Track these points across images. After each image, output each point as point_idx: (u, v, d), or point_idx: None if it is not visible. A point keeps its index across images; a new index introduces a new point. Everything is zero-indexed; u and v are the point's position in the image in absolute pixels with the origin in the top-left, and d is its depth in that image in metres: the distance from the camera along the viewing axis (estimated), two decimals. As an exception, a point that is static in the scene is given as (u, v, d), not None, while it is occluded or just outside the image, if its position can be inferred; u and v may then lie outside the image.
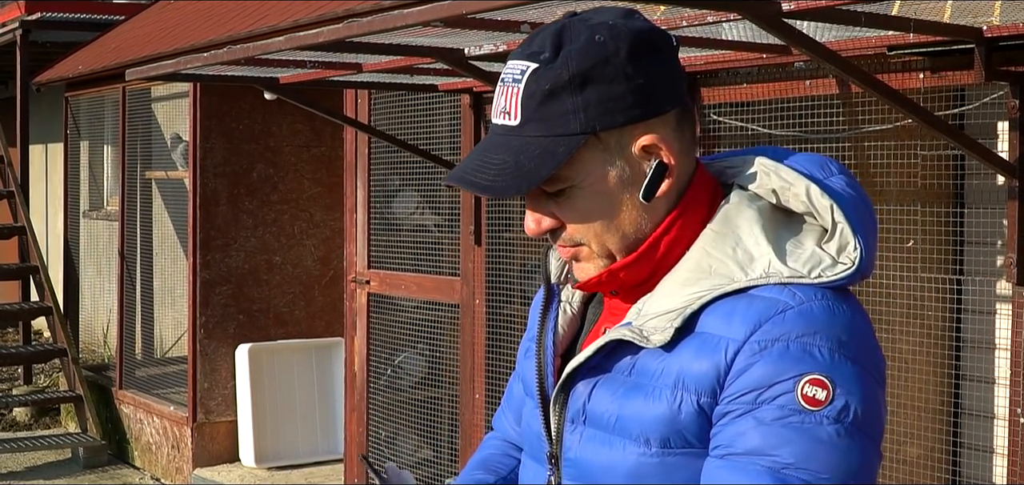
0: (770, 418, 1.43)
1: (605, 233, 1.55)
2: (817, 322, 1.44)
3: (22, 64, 10.88)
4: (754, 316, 1.46)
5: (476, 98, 5.64)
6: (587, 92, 1.49)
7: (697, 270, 1.52)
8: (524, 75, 1.50)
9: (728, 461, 1.45)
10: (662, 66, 1.52)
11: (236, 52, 4.41)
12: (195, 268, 8.13)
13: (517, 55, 1.54)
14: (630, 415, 1.52)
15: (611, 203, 1.54)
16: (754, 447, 1.43)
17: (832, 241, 1.51)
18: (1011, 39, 3.48)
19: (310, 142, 8.40)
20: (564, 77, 1.48)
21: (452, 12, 3.22)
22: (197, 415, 8.14)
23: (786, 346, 1.43)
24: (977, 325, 4.20)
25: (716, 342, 1.47)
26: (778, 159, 1.58)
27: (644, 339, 1.51)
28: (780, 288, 1.47)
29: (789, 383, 1.42)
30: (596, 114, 1.49)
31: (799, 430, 1.42)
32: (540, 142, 1.50)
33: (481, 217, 5.70)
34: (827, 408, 1.42)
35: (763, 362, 1.44)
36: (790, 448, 1.42)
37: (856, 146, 4.24)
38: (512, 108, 1.51)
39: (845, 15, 3.19)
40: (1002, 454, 3.93)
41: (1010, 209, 3.67)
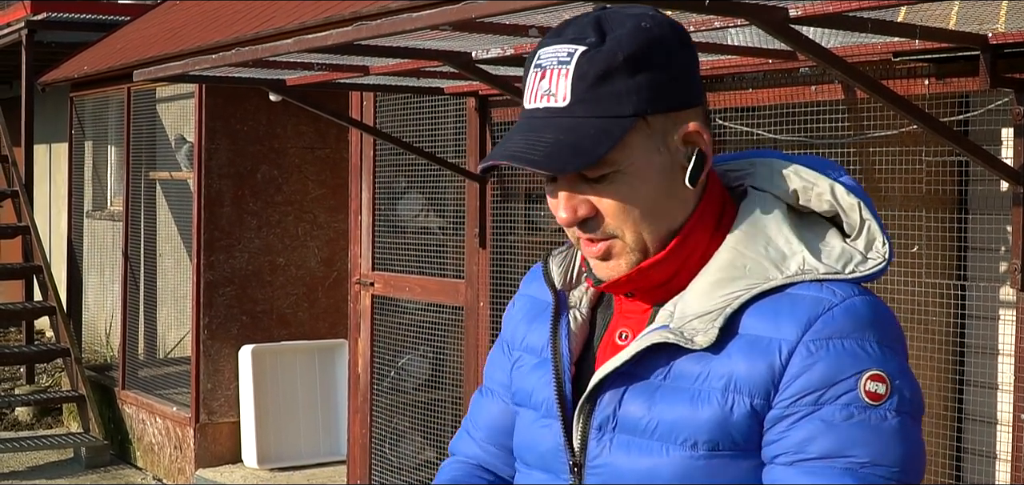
0: (838, 419, 1.44)
1: (642, 222, 1.53)
2: (863, 318, 1.47)
3: (27, 64, 10.89)
4: (803, 315, 1.47)
5: (482, 101, 5.66)
6: (639, 75, 1.48)
7: (731, 269, 1.52)
8: (572, 57, 1.49)
9: (801, 467, 1.46)
10: (694, 58, 1.56)
11: (244, 54, 4.43)
12: (199, 269, 8.15)
13: (553, 42, 1.52)
14: (673, 419, 1.51)
15: (652, 191, 1.52)
16: (828, 450, 1.45)
17: (860, 238, 1.54)
18: (1016, 46, 3.50)
19: (315, 144, 8.42)
20: (618, 59, 1.48)
21: (462, 16, 3.24)
22: (200, 416, 8.15)
23: (841, 344, 1.45)
24: (981, 331, 4.21)
25: (767, 344, 1.48)
26: (793, 160, 1.61)
27: (688, 341, 1.51)
28: (818, 285, 1.50)
29: (851, 381, 1.45)
30: (647, 98, 1.49)
31: (867, 427, 1.44)
32: (592, 122, 1.48)
33: (485, 220, 5.71)
34: (887, 402, 1.45)
35: (822, 362, 1.45)
36: (864, 448, 1.44)
37: (861, 151, 4.26)
38: (559, 89, 1.49)
39: (851, 21, 3.21)
40: (1005, 460, 3.94)
41: (1014, 215, 3.69)
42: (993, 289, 4.15)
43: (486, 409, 1.84)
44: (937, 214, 4.11)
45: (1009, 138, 3.90)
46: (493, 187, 5.71)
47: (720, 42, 3.81)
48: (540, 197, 5.67)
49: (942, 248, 4.16)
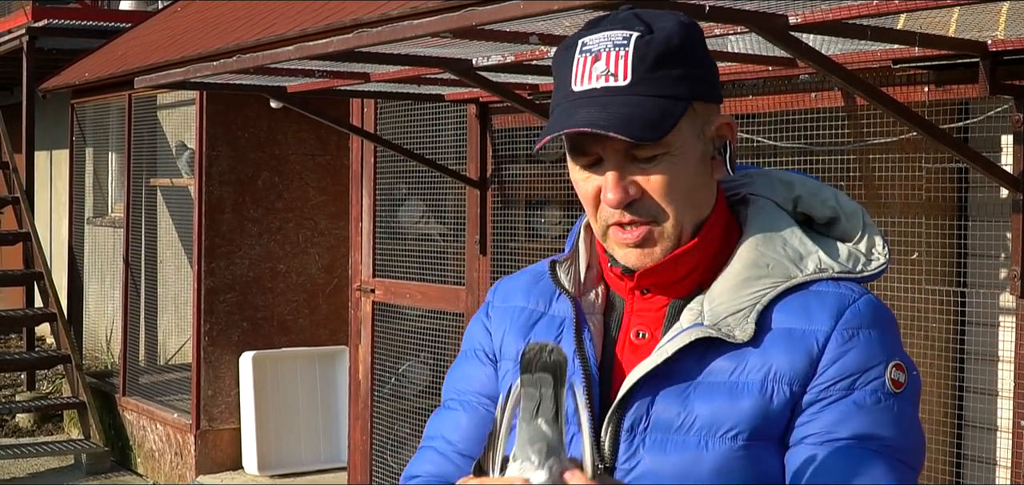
0: (869, 403, 1.53)
1: (685, 206, 1.58)
2: (878, 312, 1.57)
3: (28, 71, 10.90)
4: (833, 308, 1.56)
5: (482, 108, 5.67)
6: (689, 64, 1.54)
7: (755, 268, 1.59)
8: (629, 40, 1.53)
9: (831, 447, 1.52)
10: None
11: (246, 61, 4.44)
12: (199, 275, 8.15)
13: (599, 30, 1.55)
14: (711, 413, 1.54)
15: (693, 176, 1.57)
16: (858, 431, 1.52)
17: (862, 241, 1.63)
18: (1015, 53, 3.51)
19: (316, 151, 8.42)
20: (673, 44, 1.53)
21: (462, 23, 3.25)
22: (200, 422, 8.15)
23: (870, 335, 1.55)
24: (980, 337, 4.22)
25: (802, 335, 1.55)
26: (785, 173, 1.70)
27: (729, 336, 1.55)
28: (834, 283, 1.59)
29: (880, 369, 1.54)
30: (697, 85, 1.55)
31: (891, 413, 1.53)
32: (654, 102, 1.52)
33: (486, 226, 5.72)
34: (906, 389, 1.55)
35: (855, 350, 1.54)
36: (889, 431, 1.53)
37: (861, 159, 4.27)
38: (619, 70, 1.52)
39: (851, 29, 3.22)
40: (1005, 466, 3.95)
41: (1014, 222, 3.70)
42: (993, 296, 4.15)
43: (458, 422, 1.76)
44: (937, 221, 4.12)
45: (1008, 145, 3.90)
46: (493, 194, 5.72)
47: (720, 49, 3.82)
48: (540, 204, 5.67)
49: (942, 255, 4.16)
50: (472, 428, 1.75)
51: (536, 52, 4.02)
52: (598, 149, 1.56)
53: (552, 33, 3.68)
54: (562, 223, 5.59)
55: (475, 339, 1.79)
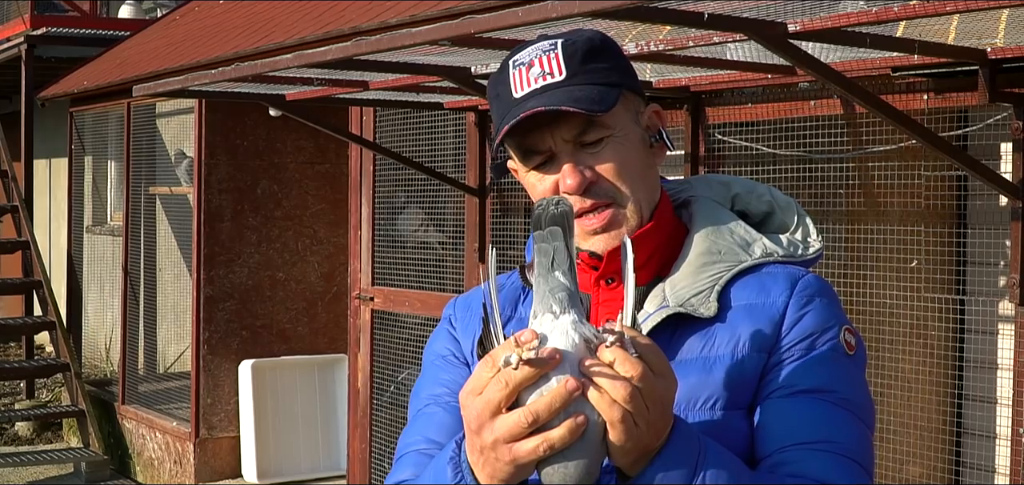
0: (827, 358, 1.63)
1: (639, 184, 1.68)
2: (824, 286, 1.69)
3: (27, 79, 10.89)
4: (785, 282, 1.66)
5: (481, 116, 5.67)
6: (611, 59, 1.66)
7: (709, 255, 1.69)
8: (557, 45, 1.64)
9: (794, 398, 1.61)
10: None
11: (244, 69, 4.43)
12: (199, 284, 8.15)
13: (527, 46, 1.67)
14: (689, 388, 1.60)
15: (639, 158, 1.68)
16: (818, 384, 1.61)
17: (797, 231, 1.76)
18: (1015, 61, 3.50)
19: (314, 159, 8.42)
20: (596, 42, 1.65)
21: (460, 31, 3.25)
22: (200, 431, 8.14)
23: (821, 301, 1.66)
24: (979, 345, 4.21)
25: (762, 306, 1.65)
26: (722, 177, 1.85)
27: (695, 311, 1.64)
28: (781, 265, 1.70)
29: (835, 330, 1.65)
30: (623, 77, 1.67)
31: (845, 369, 1.64)
32: (591, 88, 1.62)
33: (485, 235, 5.71)
34: (856, 354, 1.67)
35: (811, 314, 1.64)
36: (844, 385, 1.63)
37: (860, 166, 4.26)
38: (554, 68, 1.62)
39: (850, 36, 3.21)
40: (1004, 474, 3.94)
41: (1013, 230, 3.69)
42: (992, 303, 4.15)
43: (442, 422, 1.76)
44: (936, 228, 4.11)
45: (1008, 152, 3.90)
46: (492, 202, 5.71)
47: (719, 57, 3.81)
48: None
49: (941, 262, 4.15)
50: (458, 425, 1.65)
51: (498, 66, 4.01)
52: (549, 144, 1.65)
53: (551, 41, 3.67)
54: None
55: (443, 346, 1.82)
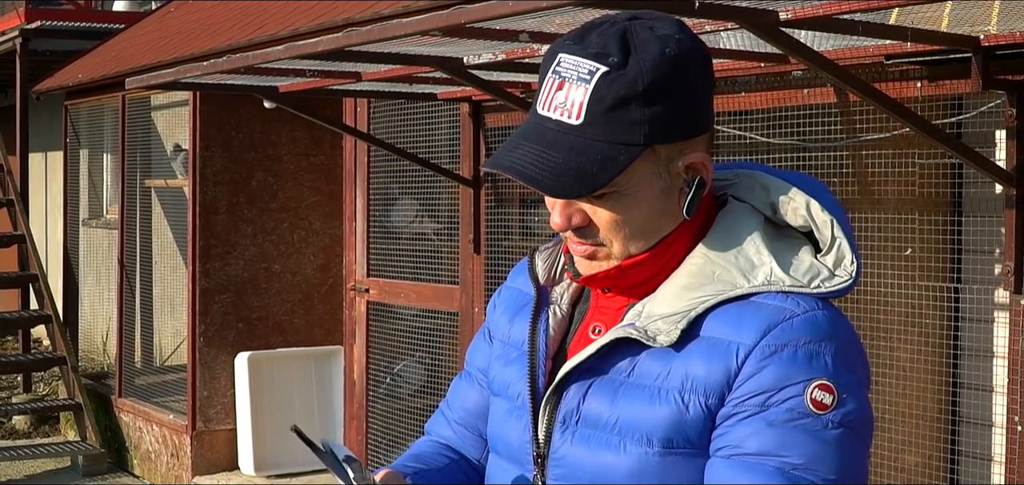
0: (780, 420, 1.47)
1: (631, 238, 1.57)
2: (822, 330, 1.50)
3: (22, 73, 10.88)
4: (763, 321, 1.50)
5: (475, 106, 5.65)
6: (655, 106, 1.50)
7: (700, 276, 1.55)
8: (593, 76, 1.49)
9: (737, 461, 1.49)
10: (711, 84, 1.58)
11: (236, 61, 4.42)
12: (194, 276, 8.13)
13: (576, 51, 1.52)
14: (632, 416, 1.54)
15: (648, 212, 1.56)
16: (765, 448, 1.47)
17: (830, 254, 1.56)
18: (1008, 48, 3.49)
19: (309, 150, 8.41)
20: (638, 88, 1.49)
21: (451, 21, 3.24)
22: (196, 423, 8.13)
23: (795, 351, 1.48)
24: (975, 333, 4.21)
25: (726, 346, 1.50)
26: (775, 174, 1.62)
27: (650, 339, 1.53)
28: (783, 296, 1.52)
29: (799, 387, 1.47)
30: (659, 128, 1.51)
31: (808, 432, 1.47)
32: (601, 147, 1.50)
33: (480, 226, 5.70)
34: (832, 412, 1.47)
35: (773, 366, 1.48)
36: (800, 450, 1.46)
37: (854, 155, 4.25)
38: (575, 108, 1.50)
39: (843, 24, 3.20)
40: (1000, 462, 3.93)
41: (1007, 217, 3.68)
42: (987, 291, 4.14)
43: (463, 392, 1.87)
44: (930, 217, 4.10)
45: (1002, 140, 3.89)
46: (487, 193, 5.70)
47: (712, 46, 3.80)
48: (534, 203, 5.66)
49: (936, 250, 4.15)
50: (470, 401, 1.86)
51: (527, 50, 4.00)
52: None
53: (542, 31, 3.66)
54: (556, 221, 5.56)
55: (488, 315, 1.87)
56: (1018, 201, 3.62)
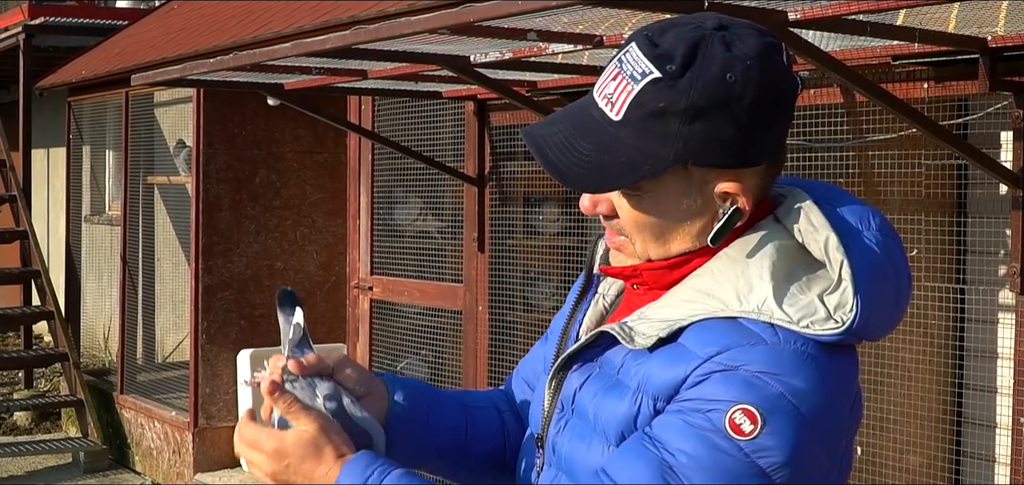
0: (694, 424, 1.42)
1: (652, 243, 1.56)
2: (782, 365, 1.42)
3: (25, 69, 10.88)
4: (726, 339, 1.45)
5: (480, 105, 5.65)
6: (696, 126, 1.45)
7: (700, 292, 1.51)
8: (643, 79, 1.46)
9: (637, 438, 1.47)
10: (776, 120, 1.50)
11: (242, 58, 4.42)
12: (197, 273, 8.14)
13: (643, 46, 1.48)
14: (602, 412, 1.54)
15: (671, 224, 1.54)
16: (663, 437, 1.44)
17: (833, 295, 1.47)
18: (1015, 49, 3.49)
19: (313, 148, 8.41)
20: (681, 104, 1.45)
21: (459, 19, 3.23)
22: (198, 420, 8.13)
23: (739, 375, 1.42)
24: (980, 334, 4.21)
25: (687, 355, 1.47)
26: (827, 200, 1.56)
27: (629, 339, 1.52)
28: (766, 325, 1.46)
29: (724, 405, 1.41)
30: (695, 150, 1.47)
31: (709, 446, 1.41)
32: (630, 150, 1.48)
33: (484, 223, 5.70)
34: (747, 441, 1.40)
35: (713, 382, 1.43)
36: (690, 456, 1.41)
37: (860, 155, 4.25)
38: (619, 103, 1.48)
39: (850, 25, 3.20)
40: (1004, 463, 3.93)
41: (1014, 219, 3.68)
42: (992, 293, 4.14)
43: (534, 351, 1.89)
44: (936, 217, 4.11)
45: (1008, 141, 3.89)
46: (491, 191, 5.70)
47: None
48: (539, 201, 5.66)
49: (941, 251, 4.15)
50: (534, 357, 1.87)
51: (534, 48, 4.00)
52: None
53: (550, 29, 3.66)
54: (560, 220, 5.57)
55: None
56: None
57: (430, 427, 1.77)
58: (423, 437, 1.76)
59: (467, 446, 1.80)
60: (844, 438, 1.50)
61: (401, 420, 1.73)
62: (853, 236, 1.51)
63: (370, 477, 1.52)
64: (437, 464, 1.80)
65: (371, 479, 1.52)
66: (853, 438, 1.56)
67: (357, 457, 1.55)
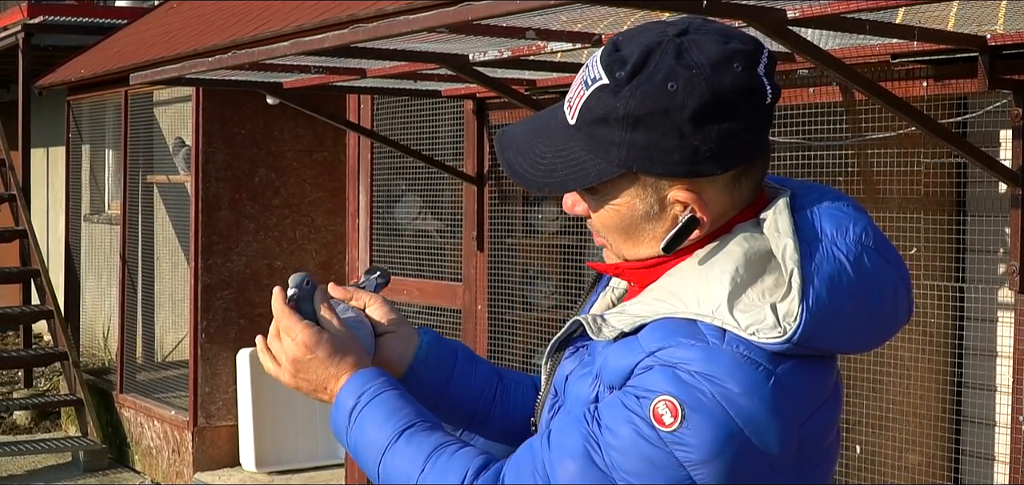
0: (627, 404, 1.44)
1: (622, 244, 1.58)
2: (718, 368, 1.42)
3: (24, 68, 10.88)
4: (672, 337, 1.46)
5: (479, 104, 5.65)
6: (637, 134, 1.46)
7: (668, 292, 1.51)
8: (593, 84, 1.49)
9: (582, 410, 1.50)
10: (730, 131, 1.46)
11: (241, 57, 4.42)
12: (197, 272, 8.13)
13: (606, 51, 1.50)
14: (572, 395, 1.58)
15: (632, 228, 1.55)
16: (600, 412, 1.47)
17: (783, 303, 1.44)
18: (1015, 47, 3.49)
19: (312, 147, 8.40)
20: (618, 112, 1.46)
21: (458, 18, 3.23)
22: (198, 419, 8.13)
23: (674, 372, 1.43)
24: (979, 333, 4.21)
25: (637, 348, 1.48)
26: (808, 205, 1.53)
27: (597, 330, 1.55)
28: (718, 329, 1.45)
29: (653, 395, 1.43)
30: (638, 157, 1.47)
31: (633, 429, 1.43)
32: (580, 155, 1.51)
33: (483, 222, 5.70)
34: (668, 432, 1.41)
35: (652, 373, 1.44)
36: (615, 435, 1.44)
37: (859, 153, 4.25)
38: (574, 107, 1.52)
39: (849, 23, 3.20)
40: (1003, 461, 3.93)
41: (1013, 217, 3.68)
42: (991, 291, 4.14)
43: None
44: (935, 216, 4.10)
45: (1007, 139, 3.89)
46: (491, 190, 5.70)
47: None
48: (537, 200, 5.66)
49: (940, 250, 4.15)
50: None
51: (533, 47, 4.00)
52: None
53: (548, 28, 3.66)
54: (559, 219, 5.57)
55: None
56: (1023, 201, 3.62)
57: (448, 387, 1.81)
58: (438, 394, 1.81)
59: (491, 414, 1.84)
60: (796, 446, 1.46)
61: (421, 367, 1.80)
62: (815, 244, 1.48)
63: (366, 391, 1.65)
64: (454, 420, 1.84)
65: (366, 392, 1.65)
66: (826, 446, 1.53)
67: (371, 370, 1.68)
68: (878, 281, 1.50)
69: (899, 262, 1.54)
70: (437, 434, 1.61)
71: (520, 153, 1.56)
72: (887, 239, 1.55)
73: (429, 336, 1.83)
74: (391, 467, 1.59)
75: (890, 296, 1.51)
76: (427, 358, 1.80)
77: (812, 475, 1.51)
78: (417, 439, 1.59)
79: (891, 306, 1.52)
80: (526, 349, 5.52)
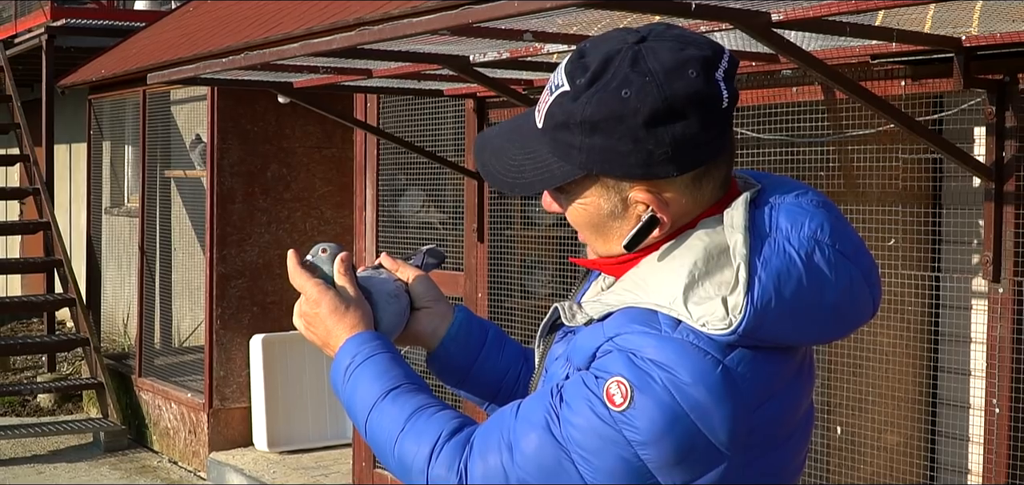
0: (587, 383, 1.45)
1: (595, 241, 1.58)
2: (669, 356, 1.42)
3: (47, 68, 10.87)
4: (631, 325, 1.46)
5: (479, 103, 5.65)
6: (595, 138, 1.46)
7: (635, 282, 1.51)
8: (556, 91, 1.49)
9: (550, 387, 1.51)
10: (684, 134, 1.44)
11: (253, 58, 4.42)
12: (212, 262, 8.14)
13: (571, 58, 1.50)
14: (552, 375, 1.58)
15: (600, 226, 1.55)
16: (564, 389, 1.48)
17: (732, 296, 1.43)
18: (988, 48, 3.49)
19: (322, 144, 8.40)
20: (576, 117, 1.46)
21: (459, 21, 3.23)
22: (213, 402, 8.14)
23: (630, 356, 1.44)
24: (954, 320, 4.21)
25: (600, 333, 1.49)
26: (769, 199, 1.52)
27: (571, 316, 1.58)
28: (674, 319, 1.45)
29: (609, 375, 1.44)
30: (597, 159, 1.47)
31: (588, 406, 1.44)
32: (546, 158, 1.52)
33: (483, 215, 5.70)
34: (618, 412, 1.42)
35: (610, 357, 1.45)
36: (573, 411, 1.45)
37: (840, 150, 4.25)
38: (541, 112, 1.53)
39: (831, 25, 3.20)
40: (978, 443, 3.94)
41: (986, 210, 3.68)
42: (966, 280, 4.14)
43: None
44: (912, 209, 4.10)
45: (981, 136, 3.89)
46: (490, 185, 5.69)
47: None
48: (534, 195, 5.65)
49: (917, 241, 4.15)
50: None
51: (530, 49, 4.00)
52: None
53: (545, 30, 3.66)
54: (556, 212, 5.56)
55: None
56: (996, 194, 3.62)
57: (475, 364, 1.87)
58: (465, 369, 1.87)
59: (515, 391, 1.87)
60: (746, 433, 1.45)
61: (451, 342, 1.86)
62: (764, 239, 1.46)
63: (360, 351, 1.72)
64: (480, 394, 1.90)
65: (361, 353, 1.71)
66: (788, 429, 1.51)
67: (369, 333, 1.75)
68: (832, 276, 1.47)
69: (859, 257, 1.51)
70: (420, 396, 1.64)
71: (495, 155, 1.58)
72: (850, 234, 1.52)
73: (463, 315, 1.88)
74: (376, 424, 1.64)
75: (845, 290, 1.48)
76: (457, 335, 1.86)
77: (766, 461, 1.48)
78: (401, 400, 1.63)
79: (847, 300, 1.49)
80: (524, 334, 5.53)
